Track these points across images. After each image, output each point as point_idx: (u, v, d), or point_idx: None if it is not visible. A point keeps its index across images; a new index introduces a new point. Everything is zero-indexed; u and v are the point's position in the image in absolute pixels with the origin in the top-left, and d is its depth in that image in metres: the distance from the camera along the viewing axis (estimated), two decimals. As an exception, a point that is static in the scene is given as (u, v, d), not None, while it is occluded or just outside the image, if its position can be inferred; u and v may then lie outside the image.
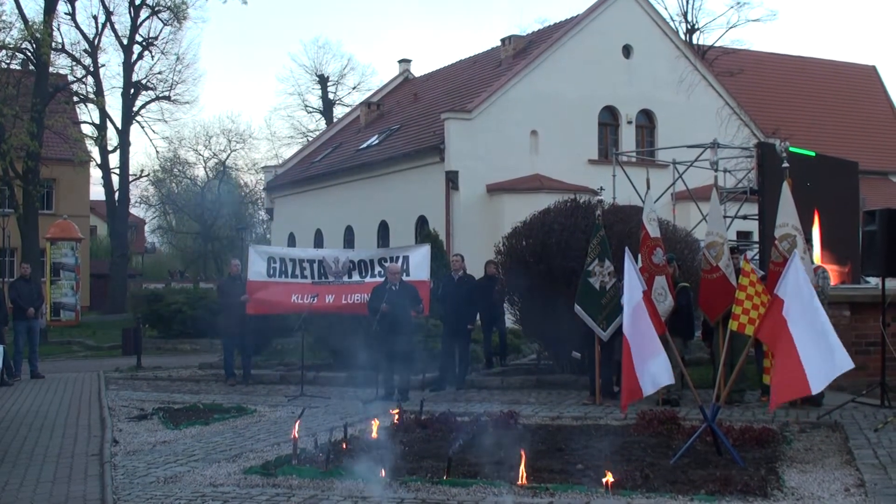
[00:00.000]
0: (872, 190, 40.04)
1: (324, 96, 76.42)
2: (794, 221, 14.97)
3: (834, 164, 25.01)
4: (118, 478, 11.11)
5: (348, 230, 44.94)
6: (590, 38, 40.16)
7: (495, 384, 19.58)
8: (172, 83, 58.54)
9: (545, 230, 19.71)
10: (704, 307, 16.46)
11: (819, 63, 58.29)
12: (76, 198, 56.67)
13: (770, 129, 40.42)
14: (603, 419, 15.04)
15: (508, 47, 43.68)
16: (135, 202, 72.91)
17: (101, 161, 53.69)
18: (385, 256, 20.50)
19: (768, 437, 12.53)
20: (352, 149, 47.94)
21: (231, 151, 78.00)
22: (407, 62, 57.83)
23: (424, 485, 10.30)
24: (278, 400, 18.24)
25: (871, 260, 15.99)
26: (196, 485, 10.72)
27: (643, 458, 11.62)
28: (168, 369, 24.36)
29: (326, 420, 15.36)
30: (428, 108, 44.58)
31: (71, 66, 51.60)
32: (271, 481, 10.73)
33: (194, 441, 13.69)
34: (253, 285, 20.54)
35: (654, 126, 41.81)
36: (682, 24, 53.48)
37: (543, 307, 19.11)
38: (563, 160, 37.60)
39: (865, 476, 10.35)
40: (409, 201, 39.43)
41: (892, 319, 16.21)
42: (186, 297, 33.85)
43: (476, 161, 36.88)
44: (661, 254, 16.27)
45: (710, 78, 42.56)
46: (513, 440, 12.47)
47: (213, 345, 29.22)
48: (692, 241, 21.08)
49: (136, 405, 17.69)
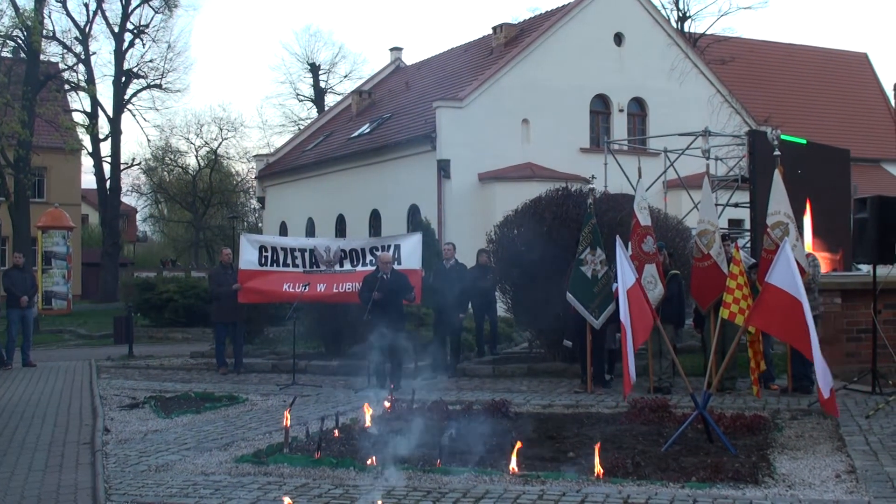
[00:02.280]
0: (864, 177, 40.05)
1: (315, 85, 76.23)
2: (785, 209, 14.99)
3: (825, 151, 25.01)
4: (110, 466, 11.11)
5: (340, 219, 44.91)
6: (581, 27, 40.13)
7: (487, 372, 19.59)
8: (164, 71, 58.38)
9: (537, 219, 19.73)
10: (696, 295, 16.50)
11: (811, 51, 58.37)
12: (67, 186, 56.63)
13: (762, 116, 40.47)
14: (594, 407, 15.06)
15: (500, 35, 43.60)
16: (126, 191, 72.78)
17: (92, 149, 53.48)
18: (377, 245, 20.46)
19: (759, 424, 12.55)
20: (343, 137, 47.89)
21: (222, 140, 77.75)
22: (398, 50, 57.74)
23: (416, 473, 10.30)
24: (270, 388, 18.23)
25: (862, 247, 16.02)
26: (187, 473, 10.71)
27: (634, 445, 11.63)
28: (160, 358, 24.36)
29: (318, 408, 15.36)
30: (419, 97, 44.52)
31: (62, 53, 51.45)
32: (263, 470, 10.73)
33: (186, 430, 13.69)
34: (244, 274, 20.51)
35: (645, 114, 41.80)
36: (674, 11, 53.38)
37: (535, 296, 19.11)
38: (554, 148, 37.59)
39: (856, 462, 10.37)
40: (400, 190, 39.39)
41: (884, 307, 16.23)
42: (178, 286, 33.79)
43: (468, 149, 36.84)
44: (652, 242, 16.31)
45: (701, 66, 42.60)
46: (504, 428, 12.50)
47: (204, 333, 29.23)
48: (683, 230, 21.12)
49: (128, 394, 17.69)
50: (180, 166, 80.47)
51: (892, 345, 15.72)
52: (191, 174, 78.95)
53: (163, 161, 79.29)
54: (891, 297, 16.29)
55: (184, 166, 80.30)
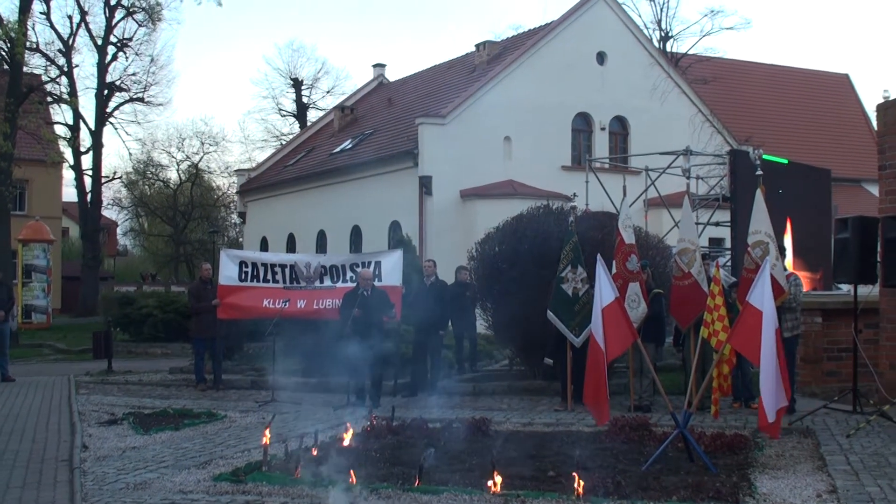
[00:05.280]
0: (845, 197, 40.20)
1: (298, 100, 76.19)
2: (767, 228, 15.00)
3: (807, 171, 25.09)
4: (87, 484, 11.02)
5: (321, 234, 44.85)
6: (564, 45, 40.25)
7: (467, 390, 19.50)
8: (146, 84, 58.20)
9: (518, 236, 19.74)
10: (676, 314, 16.54)
11: (793, 71, 58.63)
12: (48, 199, 56.39)
13: (743, 136, 40.62)
14: (575, 425, 15.04)
15: (483, 53, 43.62)
16: (107, 204, 72.52)
17: (73, 162, 53.23)
18: (357, 262, 20.41)
19: (740, 443, 12.54)
20: (325, 153, 47.88)
21: (204, 154, 77.67)
22: (381, 67, 57.80)
23: (395, 492, 10.25)
24: (249, 405, 18.16)
25: (843, 267, 16.04)
26: (165, 491, 10.64)
27: (615, 464, 11.61)
28: (139, 373, 24.23)
29: (297, 426, 15.27)
30: (402, 113, 44.57)
31: (45, 65, 51.21)
32: (241, 488, 10.67)
33: (164, 447, 13.60)
34: (224, 289, 20.43)
35: (627, 133, 41.91)
36: (656, 31, 53.81)
37: (516, 313, 19.08)
38: (536, 166, 37.62)
39: (837, 482, 10.38)
40: (382, 206, 39.34)
41: (864, 326, 16.29)
42: (158, 301, 33.67)
43: (449, 166, 36.85)
44: (636, 260, 16.32)
45: (683, 85, 42.79)
46: (484, 447, 12.46)
47: (184, 349, 29.06)
48: (664, 248, 21.12)
49: (107, 410, 17.58)
50: (161, 180, 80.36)
51: (872, 364, 15.76)
52: (172, 188, 78.81)
53: (144, 175, 79.12)
54: (871, 317, 16.33)
55: (165, 180, 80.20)
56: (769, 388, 11.45)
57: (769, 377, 11.43)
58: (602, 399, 12.96)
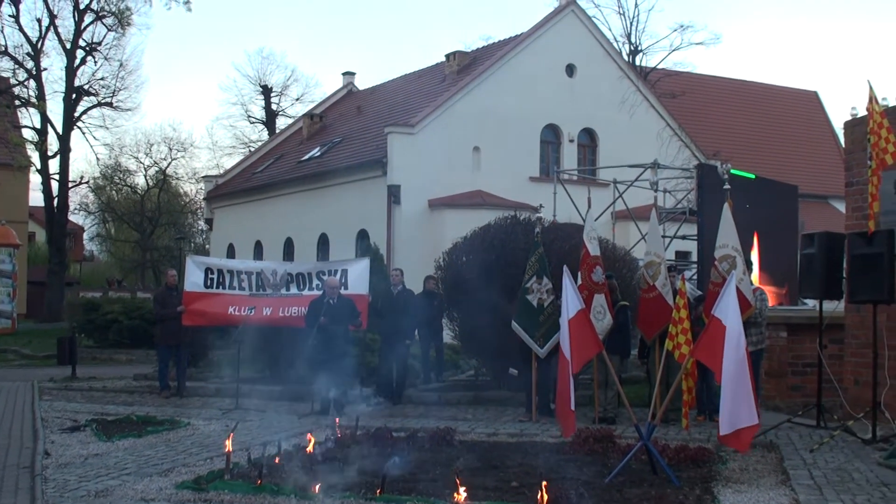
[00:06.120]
0: (812, 214, 40.41)
1: (267, 107, 75.96)
2: (734, 242, 15.05)
3: (774, 186, 25.24)
4: (49, 491, 10.92)
5: (288, 242, 44.71)
6: (534, 57, 40.36)
7: (433, 400, 19.50)
8: (115, 89, 57.74)
9: (485, 246, 19.76)
10: (641, 326, 16.60)
11: (761, 87, 58.92)
12: (15, 203, 55.91)
13: (711, 151, 40.79)
14: (539, 436, 15.04)
15: (453, 63, 43.64)
16: (74, 209, 72.16)
17: (40, 166, 52.92)
18: (324, 270, 20.37)
19: (704, 456, 12.56)
20: (293, 160, 47.76)
21: (172, 160, 77.44)
22: (351, 75, 57.71)
23: (358, 501, 10.23)
24: (212, 413, 18.06)
25: (809, 282, 16.08)
26: (127, 499, 10.57)
27: (578, 476, 11.57)
28: (103, 380, 24.08)
29: (261, 434, 15.22)
30: (371, 122, 44.49)
31: (13, 69, 50.91)
32: (203, 496, 10.61)
33: (127, 454, 13.51)
34: (190, 296, 20.34)
35: (595, 145, 42.03)
36: (626, 45, 53.89)
37: (482, 323, 19.07)
38: (504, 177, 37.68)
39: (801, 496, 10.39)
40: (349, 214, 39.25)
41: (829, 341, 16.33)
42: (123, 307, 33.55)
43: (418, 176, 36.82)
44: (601, 272, 16.33)
45: (652, 99, 42.95)
46: (449, 457, 12.43)
47: (149, 355, 28.90)
48: (631, 260, 21.17)
49: (70, 416, 17.44)
50: (129, 186, 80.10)
51: (837, 379, 15.82)
52: (139, 194, 78.61)
53: (111, 180, 78.84)
54: (836, 332, 16.38)
55: (132, 186, 79.96)
56: (727, 399, 11.43)
57: (728, 389, 11.43)
58: (568, 410, 12.95)
